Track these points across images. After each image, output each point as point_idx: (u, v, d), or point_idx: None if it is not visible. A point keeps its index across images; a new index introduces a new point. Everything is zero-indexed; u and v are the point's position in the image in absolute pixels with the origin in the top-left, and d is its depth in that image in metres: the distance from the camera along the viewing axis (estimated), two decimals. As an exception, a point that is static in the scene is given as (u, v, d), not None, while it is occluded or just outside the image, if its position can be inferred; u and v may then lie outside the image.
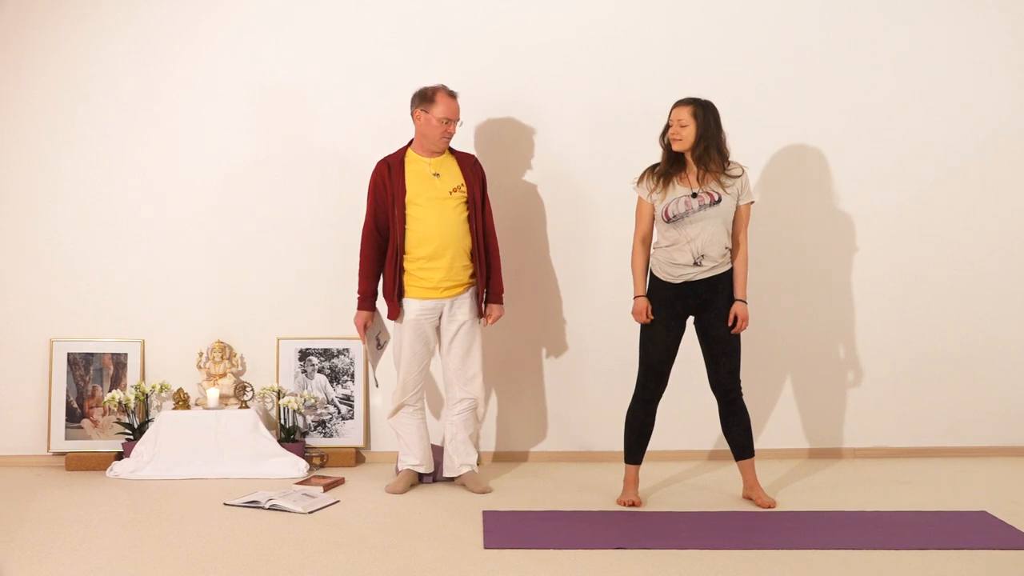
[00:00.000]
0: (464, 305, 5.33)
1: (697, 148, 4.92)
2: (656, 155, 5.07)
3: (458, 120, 5.25)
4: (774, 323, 5.95)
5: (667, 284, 5.01)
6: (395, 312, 5.29)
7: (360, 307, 5.35)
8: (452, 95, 5.23)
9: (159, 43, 5.86)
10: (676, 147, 4.93)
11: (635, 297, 5.07)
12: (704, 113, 4.91)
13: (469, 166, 5.35)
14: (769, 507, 5.07)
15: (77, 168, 5.89)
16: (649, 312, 5.02)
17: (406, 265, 5.27)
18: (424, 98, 5.24)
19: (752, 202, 5.07)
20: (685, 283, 4.98)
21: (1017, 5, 6.01)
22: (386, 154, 5.37)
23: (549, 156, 5.94)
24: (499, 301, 5.42)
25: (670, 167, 4.97)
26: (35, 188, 5.88)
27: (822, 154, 5.99)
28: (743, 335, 5.14)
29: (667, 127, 4.98)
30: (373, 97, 5.88)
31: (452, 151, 5.38)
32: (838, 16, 5.97)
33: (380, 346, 5.47)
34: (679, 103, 4.96)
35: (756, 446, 5.93)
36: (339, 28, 5.90)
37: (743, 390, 5.12)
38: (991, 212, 6.05)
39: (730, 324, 5.00)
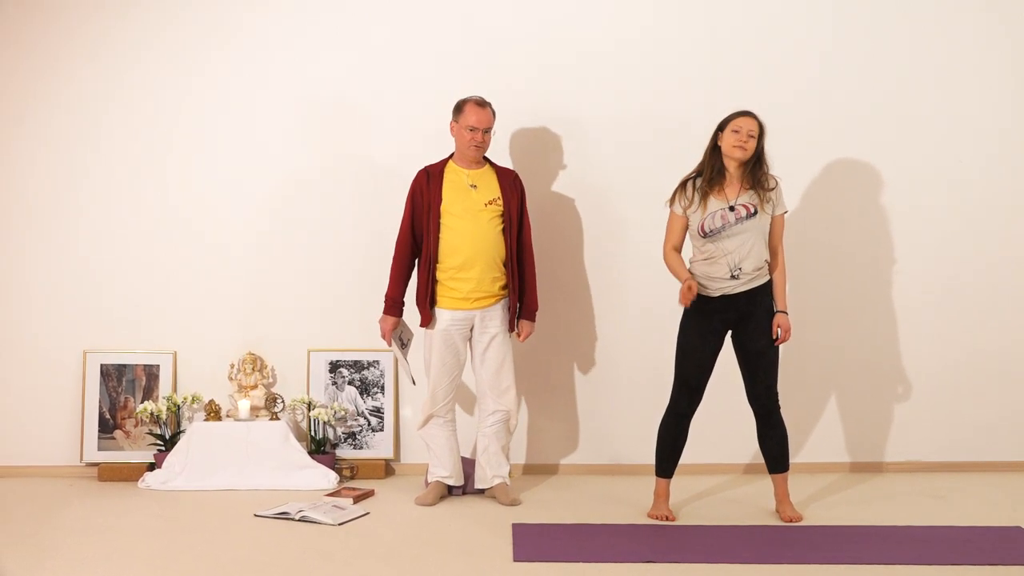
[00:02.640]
0: (496, 317, 5.33)
1: (751, 162, 4.90)
2: (689, 167, 5.04)
3: (487, 128, 5.26)
4: (812, 334, 5.90)
5: (705, 298, 4.97)
6: (427, 319, 5.31)
7: (388, 312, 5.37)
8: (481, 104, 5.25)
9: (194, 54, 5.90)
10: (739, 155, 4.88)
11: (683, 280, 4.92)
12: (764, 128, 4.92)
13: (509, 181, 5.37)
14: (791, 521, 5.02)
15: (110, 180, 5.93)
16: (693, 287, 4.86)
17: (438, 275, 5.29)
18: (456, 109, 5.29)
19: (786, 212, 5.04)
20: (723, 296, 4.95)
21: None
22: (426, 164, 5.40)
23: (585, 169, 5.93)
24: (531, 318, 5.43)
25: (712, 178, 4.93)
26: (67, 200, 5.93)
27: (858, 161, 5.95)
28: (783, 348, 5.09)
29: (717, 133, 4.90)
30: (410, 111, 5.89)
31: (494, 166, 5.40)
32: (871, 23, 5.94)
33: (404, 345, 5.47)
34: (745, 113, 4.90)
35: (795, 460, 5.90)
36: (382, 44, 5.91)
37: (781, 404, 5.08)
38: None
39: (774, 336, 4.97)
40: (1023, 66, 5.98)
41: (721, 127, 4.94)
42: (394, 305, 5.38)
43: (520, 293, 5.39)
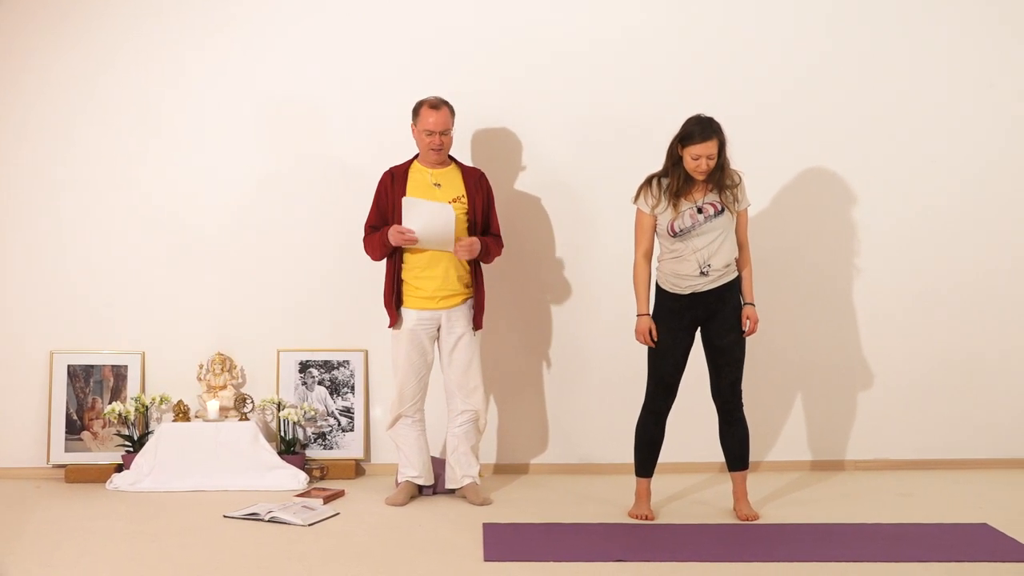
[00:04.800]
0: (462, 317, 5.33)
1: (715, 172, 4.91)
2: (655, 166, 5.06)
3: (444, 131, 5.25)
4: (779, 335, 5.93)
5: (674, 296, 4.99)
6: (394, 320, 5.31)
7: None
8: (435, 106, 5.24)
9: (167, 54, 5.87)
10: (700, 177, 4.89)
11: (638, 316, 5.05)
12: (724, 140, 4.88)
13: (473, 179, 5.37)
14: (748, 519, 5.05)
15: (78, 180, 5.88)
16: (653, 334, 5.00)
17: (404, 274, 5.29)
18: (414, 112, 5.30)
19: (748, 205, 5.06)
20: (692, 294, 4.97)
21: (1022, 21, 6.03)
22: (392, 165, 5.39)
23: (553, 169, 5.93)
24: (485, 243, 5.30)
25: (679, 189, 4.93)
26: (36, 200, 5.88)
27: (828, 166, 5.98)
28: (748, 346, 5.12)
29: (678, 152, 4.87)
30: (379, 111, 5.87)
31: (459, 165, 5.40)
32: (845, 30, 5.96)
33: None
34: (705, 136, 4.81)
35: (761, 458, 5.95)
36: (347, 44, 5.89)
37: (745, 402, 5.11)
38: (997, 225, 6.04)
39: (743, 328, 5.00)
40: (1000, 76, 6.03)
41: (682, 142, 4.88)
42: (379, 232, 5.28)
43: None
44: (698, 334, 5.08)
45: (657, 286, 5.06)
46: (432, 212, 5.17)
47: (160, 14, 5.86)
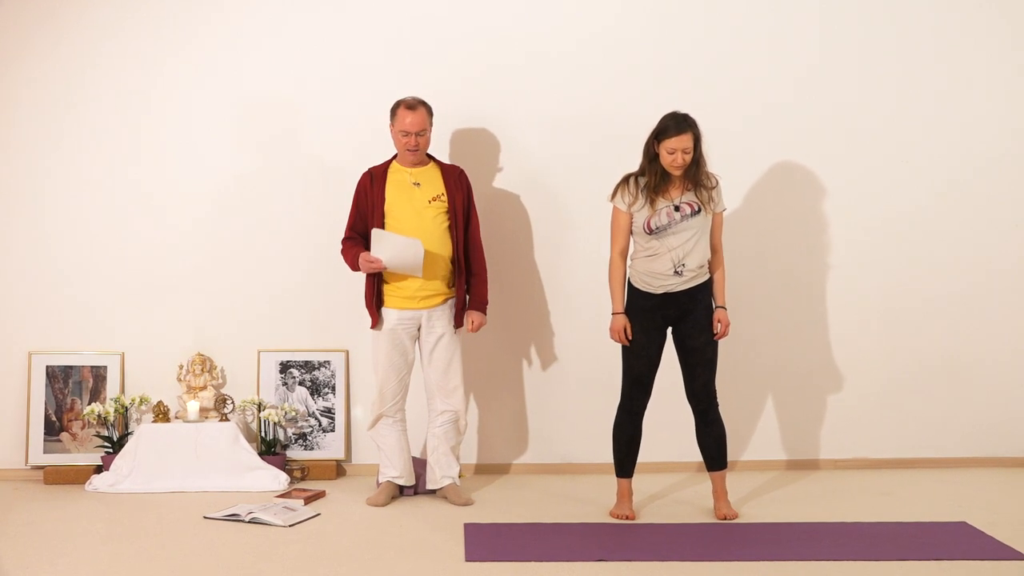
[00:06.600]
0: (443, 316, 5.33)
1: (691, 168, 4.92)
2: (633, 166, 5.06)
3: (420, 131, 5.25)
4: (756, 335, 5.96)
5: (647, 295, 5.00)
6: (375, 320, 5.30)
7: (355, 254, 5.25)
8: (411, 107, 5.23)
9: (146, 56, 5.85)
10: (676, 173, 4.90)
11: (613, 314, 5.06)
12: (699, 134, 4.90)
13: (453, 177, 5.36)
14: (728, 519, 5.06)
15: (56, 181, 5.86)
16: (628, 332, 5.01)
17: (384, 274, 5.27)
18: (391, 112, 5.30)
19: (724, 210, 5.08)
20: (665, 294, 4.98)
21: (1011, 34, 6.05)
22: (370, 165, 5.38)
23: (533, 168, 5.94)
24: (482, 310, 5.41)
25: (656, 185, 4.95)
26: (14, 200, 5.85)
27: (804, 167, 6.00)
28: (724, 347, 5.14)
29: (655, 149, 4.89)
30: (358, 110, 5.87)
31: (439, 163, 5.40)
32: (826, 34, 5.98)
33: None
34: (680, 130, 4.85)
35: (737, 457, 5.97)
36: (326, 41, 5.89)
37: (721, 402, 5.12)
38: (973, 229, 6.07)
39: (714, 331, 5.01)
40: (983, 80, 6.06)
41: (657, 137, 4.91)
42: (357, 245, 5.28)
43: (469, 285, 5.38)
44: (669, 335, 5.10)
45: (629, 284, 5.07)
46: (400, 246, 5.14)
47: (138, 15, 5.84)
